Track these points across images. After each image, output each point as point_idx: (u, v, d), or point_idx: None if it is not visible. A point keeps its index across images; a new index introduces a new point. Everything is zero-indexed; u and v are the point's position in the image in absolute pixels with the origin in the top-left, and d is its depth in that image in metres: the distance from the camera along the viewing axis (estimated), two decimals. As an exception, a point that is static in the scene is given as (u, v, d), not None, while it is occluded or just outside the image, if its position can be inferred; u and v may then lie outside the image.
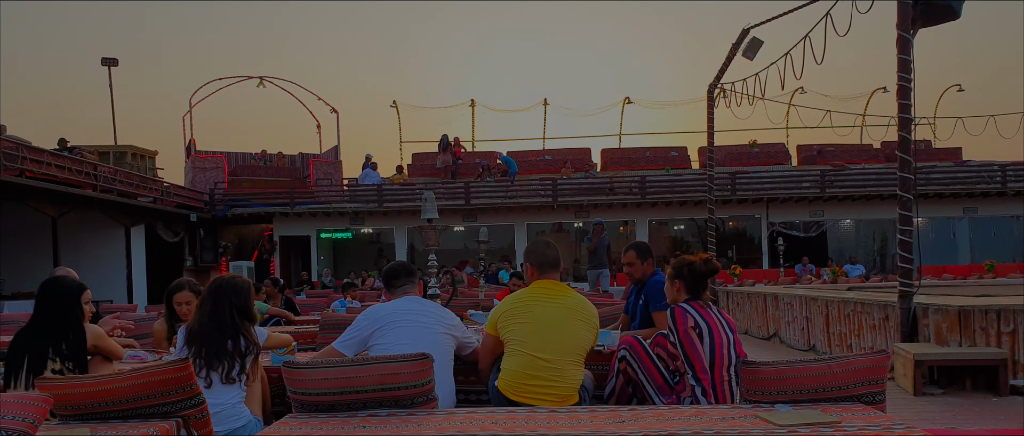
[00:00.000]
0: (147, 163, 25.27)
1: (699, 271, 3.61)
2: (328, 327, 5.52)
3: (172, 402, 2.80)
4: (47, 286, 3.69)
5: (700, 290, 3.62)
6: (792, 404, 2.79)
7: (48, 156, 16.23)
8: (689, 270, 3.63)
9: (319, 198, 23.80)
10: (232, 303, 3.54)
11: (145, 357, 4.34)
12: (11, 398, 2.27)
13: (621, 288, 13.49)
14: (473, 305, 8.66)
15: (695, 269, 3.62)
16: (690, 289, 3.62)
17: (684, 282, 3.63)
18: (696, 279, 3.61)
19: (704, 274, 3.62)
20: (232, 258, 24.26)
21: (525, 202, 22.89)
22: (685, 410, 2.84)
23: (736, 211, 23.14)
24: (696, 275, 3.61)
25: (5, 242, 18.75)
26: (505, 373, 3.56)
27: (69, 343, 3.57)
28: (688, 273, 3.63)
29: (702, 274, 3.62)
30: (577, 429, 2.51)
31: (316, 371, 2.86)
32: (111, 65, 27.95)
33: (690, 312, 3.50)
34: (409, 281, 3.88)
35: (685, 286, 3.63)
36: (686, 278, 3.63)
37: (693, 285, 3.62)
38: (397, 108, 29.11)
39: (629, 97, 29.27)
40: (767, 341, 11.36)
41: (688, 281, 3.63)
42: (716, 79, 11.73)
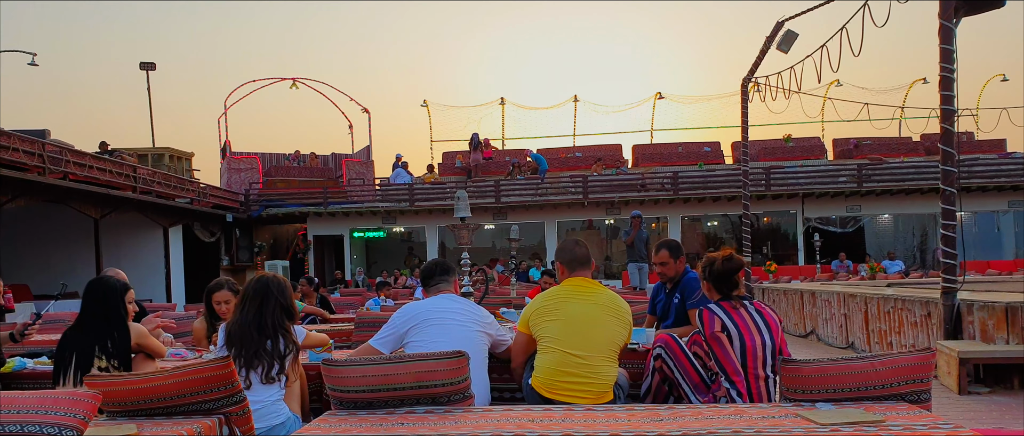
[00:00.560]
0: (184, 164, 25.72)
1: (719, 270, 3.57)
2: (363, 325, 5.57)
3: (214, 399, 2.85)
4: (93, 286, 3.78)
5: (727, 288, 3.57)
6: (833, 403, 2.75)
7: (90, 159, 16.59)
8: (710, 269, 3.60)
9: (352, 198, 24.01)
10: (278, 302, 3.59)
11: (186, 355, 4.42)
12: (63, 395, 2.32)
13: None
14: (505, 303, 8.66)
15: (715, 268, 3.59)
16: (717, 288, 3.59)
17: (710, 282, 3.61)
18: (719, 278, 3.57)
19: (726, 272, 3.57)
20: (267, 257, 24.58)
21: (555, 200, 22.85)
22: (724, 409, 2.80)
23: (771, 207, 22.86)
24: (717, 274, 3.57)
25: (50, 243, 19.21)
26: (539, 370, 3.56)
27: (114, 341, 3.65)
28: (709, 272, 3.60)
29: (723, 272, 3.57)
30: (615, 428, 2.49)
31: (354, 368, 2.88)
32: (149, 69, 28.47)
33: (717, 314, 3.46)
34: (445, 279, 3.89)
35: (712, 286, 3.60)
36: (710, 277, 3.60)
37: (718, 284, 3.59)
38: (428, 107, 29.25)
39: (661, 92, 29.09)
40: (804, 339, 11.21)
41: (713, 280, 3.60)
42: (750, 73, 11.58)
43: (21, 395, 2.36)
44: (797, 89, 10.28)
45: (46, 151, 14.78)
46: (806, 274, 19.23)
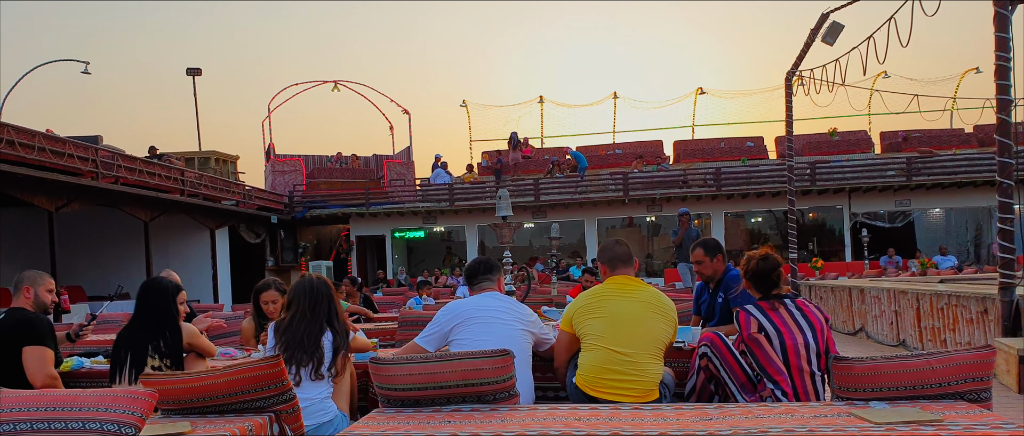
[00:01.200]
0: (229, 167, 26.21)
1: (755, 270, 3.52)
2: (406, 324, 5.62)
3: (265, 397, 2.90)
4: (146, 287, 3.87)
5: (767, 288, 3.52)
6: (887, 402, 2.69)
7: (140, 163, 17.01)
8: (747, 271, 3.55)
9: (393, 198, 24.22)
10: (326, 301, 3.65)
11: (235, 354, 4.50)
12: (122, 393, 2.38)
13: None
14: (546, 301, 8.65)
15: (750, 267, 3.54)
16: (756, 288, 3.54)
17: (750, 281, 3.56)
18: (757, 277, 3.52)
19: (763, 272, 3.52)
20: (311, 258, 24.93)
21: (595, 197, 22.75)
22: (775, 407, 2.76)
23: (816, 202, 22.46)
24: (753, 274, 3.52)
25: (103, 246, 19.74)
26: (583, 368, 3.54)
27: (167, 341, 3.74)
28: (747, 274, 3.55)
29: (760, 272, 3.52)
30: (663, 427, 2.47)
31: (401, 367, 2.91)
32: (195, 75, 29.06)
33: (754, 315, 3.41)
34: (488, 277, 3.89)
35: (753, 285, 3.55)
36: (748, 277, 3.56)
37: (756, 284, 3.54)
38: (466, 107, 29.36)
39: (702, 87, 28.76)
40: (853, 336, 10.99)
41: (751, 280, 3.55)
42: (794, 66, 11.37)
43: (82, 393, 2.43)
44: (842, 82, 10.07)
45: (99, 157, 15.19)
46: (854, 270, 18.85)
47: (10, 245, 18.15)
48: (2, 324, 3.81)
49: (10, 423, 2.33)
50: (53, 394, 2.45)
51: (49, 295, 3.96)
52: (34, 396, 2.42)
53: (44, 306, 3.94)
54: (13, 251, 17.43)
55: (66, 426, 2.30)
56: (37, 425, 2.31)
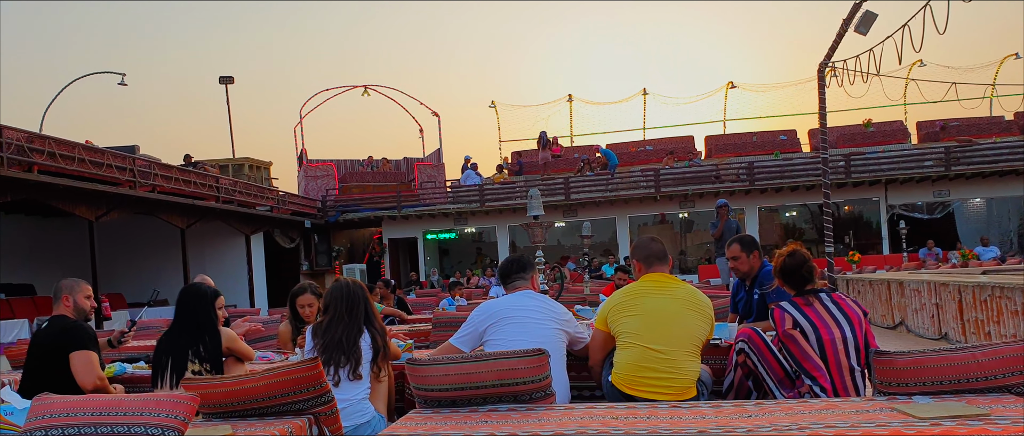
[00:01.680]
0: (263, 174, 26.53)
1: (784, 266, 3.48)
2: (440, 325, 5.65)
3: (304, 400, 2.93)
4: (185, 293, 3.94)
5: (799, 283, 3.47)
6: (931, 396, 2.64)
7: (176, 172, 17.31)
8: (779, 270, 3.52)
9: (424, 200, 24.35)
10: (362, 303, 3.68)
11: (272, 358, 4.55)
12: (165, 397, 2.43)
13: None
14: (579, 300, 8.62)
15: (779, 266, 3.50)
16: (789, 285, 3.50)
17: (783, 279, 3.52)
18: (787, 274, 3.48)
19: (793, 267, 3.48)
20: (345, 261, 25.15)
21: (626, 195, 22.64)
22: (815, 403, 2.72)
23: (852, 195, 22.12)
24: (783, 271, 3.49)
25: (141, 253, 20.11)
26: (619, 367, 3.52)
27: (206, 346, 3.80)
28: (779, 273, 3.52)
29: (790, 268, 3.48)
30: (702, 424, 2.44)
31: (437, 367, 2.92)
32: (228, 83, 29.46)
33: (789, 312, 3.37)
34: (521, 276, 3.89)
35: (786, 283, 3.51)
36: (780, 275, 3.52)
37: (788, 281, 3.50)
38: (495, 108, 29.41)
39: (733, 81, 28.49)
40: (892, 330, 10.81)
41: (783, 278, 3.51)
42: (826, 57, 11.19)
43: (127, 397, 2.48)
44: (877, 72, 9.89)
45: (136, 166, 15.49)
46: (892, 263, 18.52)
47: (52, 254, 18.58)
48: (46, 332, 3.90)
49: (58, 428, 2.38)
50: (99, 399, 2.50)
51: (88, 301, 4.04)
52: (81, 401, 2.48)
53: (84, 313, 4.02)
54: (55, 260, 17.84)
55: (112, 430, 2.35)
56: (84, 429, 2.36)
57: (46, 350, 3.83)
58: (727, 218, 12.20)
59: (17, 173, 12.25)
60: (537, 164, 25.53)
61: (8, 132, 12.21)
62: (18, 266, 18.31)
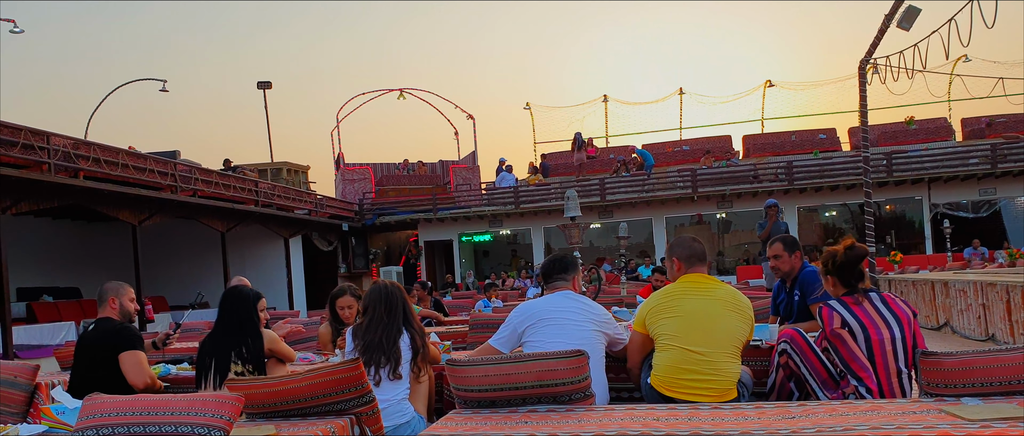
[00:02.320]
0: (300, 178, 26.88)
1: (843, 260, 3.40)
2: (477, 327, 5.67)
3: (345, 400, 2.96)
4: (228, 295, 4.00)
5: (853, 281, 3.40)
6: (980, 398, 2.58)
7: (216, 176, 17.62)
8: (833, 262, 3.43)
9: (459, 203, 24.45)
10: (401, 304, 3.72)
11: (313, 359, 4.60)
12: (211, 398, 2.47)
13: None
14: (616, 302, 8.57)
15: (838, 260, 3.42)
16: (843, 280, 3.42)
17: (836, 276, 3.44)
18: (844, 269, 3.40)
19: (850, 262, 3.40)
20: (382, 264, 25.36)
21: (663, 195, 22.48)
22: (860, 405, 2.68)
23: (893, 194, 21.71)
24: (840, 266, 3.40)
25: (182, 256, 20.50)
26: (658, 369, 3.49)
27: (249, 347, 3.86)
28: (833, 265, 3.43)
29: (848, 263, 3.40)
30: (744, 426, 2.42)
31: (476, 368, 2.93)
32: (265, 88, 29.88)
33: (838, 310, 3.30)
34: (563, 277, 3.88)
35: (839, 280, 3.43)
36: (833, 271, 3.44)
37: (842, 277, 3.42)
38: (530, 110, 29.41)
39: (771, 80, 28.14)
40: (937, 331, 10.58)
41: (838, 274, 3.43)
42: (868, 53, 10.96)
43: (174, 397, 2.53)
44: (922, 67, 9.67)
45: (177, 171, 15.80)
46: (935, 263, 18.13)
47: (97, 258, 19.04)
48: (93, 334, 3.99)
49: (109, 426, 2.44)
50: (147, 398, 2.55)
51: (132, 304, 4.13)
52: (130, 400, 2.53)
53: (129, 315, 4.11)
54: (100, 264, 18.27)
55: (160, 429, 2.40)
56: (133, 428, 2.42)
57: (94, 351, 3.92)
58: (776, 218, 11.64)
59: (64, 179, 12.57)
60: (571, 165, 25.48)
61: (55, 139, 12.53)
62: (65, 270, 18.80)
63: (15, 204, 12.17)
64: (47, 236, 18.23)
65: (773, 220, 11.55)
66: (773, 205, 11.75)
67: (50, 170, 12.24)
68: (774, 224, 11.43)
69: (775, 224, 11.44)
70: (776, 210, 11.67)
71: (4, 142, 11.32)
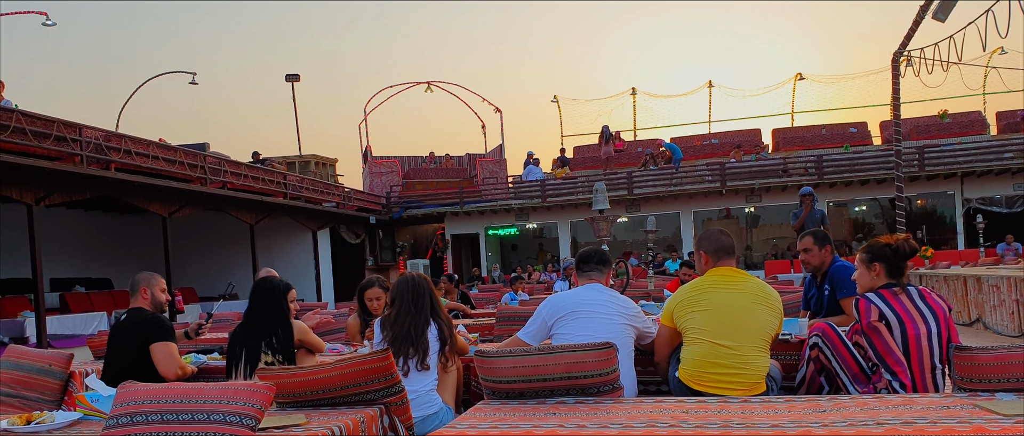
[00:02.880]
0: (328, 171, 27.08)
1: (903, 251, 3.36)
2: (504, 319, 5.70)
3: (375, 390, 2.98)
4: (259, 286, 4.05)
5: (900, 273, 3.36)
6: (1016, 393, 2.54)
7: (245, 169, 17.79)
8: (892, 251, 3.38)
9: (486, 196, 24.47)
10: (428, 295, 3.74)
11: (342, 350, 4.64)
12: (242, 387, 2.51)
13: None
14: (643, 296, 8.54)
15: (899, 250, 3.37)
16: (892, 271, 3.37)
17: (886, 264, 3.38)
18: (901, 259, 3.36)
19: (907, 255, 3.36)
20: (409, 257, 25.49)
21: (691, 189, 22.33)
22: (892, 399, 2.64)
23: (925, 188, 21.36)
24: (900, 255, 3.36)
25: (211, 248, 20.75)
26: (686, 363, 3.48)
27: (279, 338, 3.91)
28: (891, 254, 3.38)
29: (906, 254, 3.36)
30: (775, 419, 2.40)
31: (505, 359, 2.94)
32: (293, 81, 30.10)
33: (875, 303, 3.25)
34: (599, 269, 3.87)
35: (887, 269, 3.38)
36: (889, 259, 3.38)
37: (895, 267, 3.37)
38: (558, 103, 29.35)
39: (801, 73, 27.82)
40: (969, 327, 10.41)
41: (891, 263, 3.38)
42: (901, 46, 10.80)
43: (206, 386, 2.57)
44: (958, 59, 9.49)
45: (206, 163, 15.97)
46: (968, 259, 17.81)
47: (128, 250, 19.34)
48: (125, 324, 4.05)
49: (143, 414, 2.48)
50: (180, 387, 2.59)
51: (164, 294, 4.19)
52: (163, 388, 2.58)
53: (160, 305, 4.17)
54: (131, 255, 18.58)
55: (192, 417, 2.43)
56: (166, 416, 2.46)
57: (126, 341, 3.98)
58: (812, 208, 10.84)
59: (96, 171, 12.77)
60: (599, 158, 25.39)
61: (87, 131, 12.73)
62: (96, 261, 19.12)
63: (48, 196, 12.39)
64: (79, 227, 18.55)
65: (808, 209, 10.88)
66: (808, 193, 11.05)
67: (82, 162, 12.44)
68: (809, 214, 10.79)
69: (810, 213, 10.79)
70: (811, 199, 10.99)
71: (37, 134, 11.52)
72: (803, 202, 10.99)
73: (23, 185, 11.88)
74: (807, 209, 10.86)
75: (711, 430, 2.29)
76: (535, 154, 25.27)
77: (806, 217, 10.68)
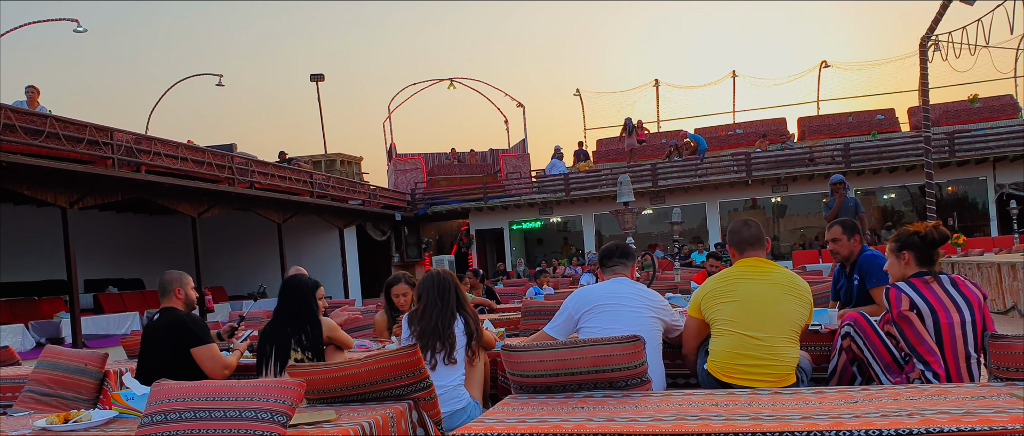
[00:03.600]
0: (354, 169, 27.28)
1: (933, 238, 3.30)
2: (530, 314, 5.70)
3: (403, 386, 3.00)
4: (288, 284, 4.09)
5: (931, 261, 3.30)
6: (1054, 382, 2.49)
7: (272, 168, 17.96)
8: (921, 239, 3.32)
9: (509, 191, 24.49)
10: (454, 290, 3.76)
11: (370, 346, 4.67)
12: (273, 383, 2.53)
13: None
14: (669, 288, 8.49)
15: (928, 237, 3.31)
16: (921, 259, 3.31)
17: (916, 252, 3.32)
18: (930, 247, 3.30)
19: (937, 242, 3.30)
20: (434, 253, 25.58)
21: (716, 180, 22.16)
22: (925, 389, 2.60)
23: (956, 174, 21.01)
24: (930, 243, 3.30)
25: (240, 247, 20.99)
26: (714, 354, 3.45)
27: (308, 335, 3.94)
28: (920, 242, 3.32)
29: (936, 242, 3.30)
30: (806, 410, 2.37)
31: (532, 354, 2.94)
32: (318, 80, 30.31)
33: (906, 292, 3.20)
34: (622, 263, 3.85)
35: (916, 257, 3.32)
36: (919, 247, 3.32)
37: (925, 254, 3.31)
38: (580, 96, 29.26)
39: (826, 60, 27.48)
40: (1004, 315, 10.23)
41: (921, 251, 3.32)
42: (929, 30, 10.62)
43: (238, 384, 2.60)
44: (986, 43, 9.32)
45: (234, 163, 16.14)
46: (1001, 246, 17.48)
47: (158, 250, 19.61)
48: (159, 324, 4.10)
49: (176, 412, 2.52)
50: (212, 384, 2.63)
51: (194, 292, 4.26)
52: (196, 386, 2.61)
53: (192, 303, 4.23)
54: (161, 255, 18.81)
55: (225, 414, 2.46)
56: (199, 413, 2.49)
57: (159, 340, 4.04)
58: (845, 196, 10.29)
59: (127, 173, 12.96)
60: (622, 151, 25.28)
61: (119, 135, 12.92)
62: (128, 262, 19.42)
63: (81, 198, 12.61)
64: (111, 229, 18.85)
65: (841, 198, 10.33)
66: (839, 181, 10.46)
67: (114, 165, 12.64)
68: (842, 203, 10.27)
69: (843, 202, 10.28)
70: (843, 186, 10.46)
71: (71, 138, 11.72)
72: (834, 190, 10.53)
73: (58, 188, 12.11)
74: (840, 198, 10.41)
75: (741, 422, 2.27)
76: (562, 147, 25.27)
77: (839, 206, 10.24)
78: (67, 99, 53.71)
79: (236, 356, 4.24)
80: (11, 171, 11.06)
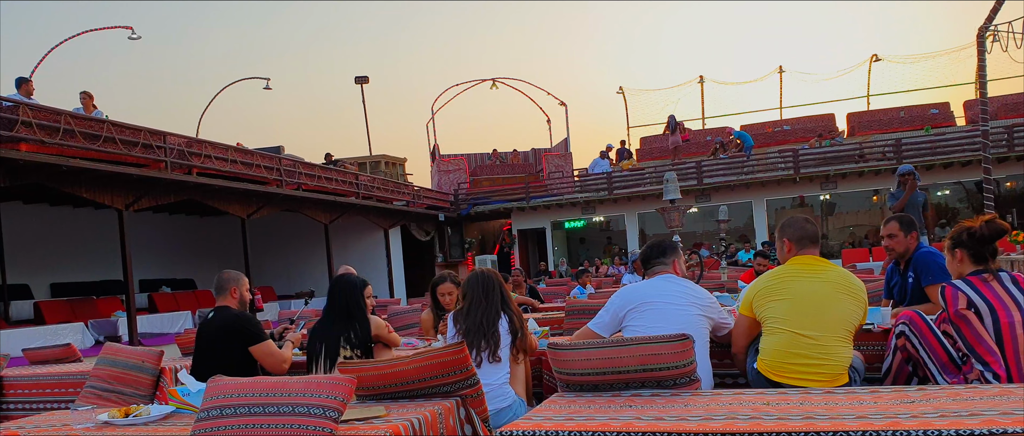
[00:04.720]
0: (398, 170, 27.55)
1: (981, 235, 3.19)
2: (574, 313, 5.67)
3: (451, 383, 3.02)
4: (337, 283, 4.16)
5: (986, 258, 3.20)
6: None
7: (318, 170, 18.25)
8: (970, 235, 3.23)
9: (552, 190, 24.46)
10: (499, 289, 3.79)
11: (417, 344, 4.72)
12: (325, 380, 2.58)
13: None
14: (717, 287, 8.39)
15: (976, 233, 3.21)
16: (975, 257, 3.22)
17: (966, 250, 3.23)
18: (980, 244, 3.20)
19: (988, 238, 3.19)
20: (477, 252, 25.70)
21: (763, 177, 21.82)
22: (986, 389, 2.53)
23: (1016, 169, 20.35)
24: (978, 239, 3.20)
25: (288, 248, 21.35)
26: (765, 353, 3.40)
27: (357, 333, 4.00)
28: (969, 238, 3.23)
29: (986, 238, 3.19)
30: (860, 410, 2.32)
31: (579, 352, 2.93)
32: (363, 83, 30.66)
33: (963, 290, 3.10)
34: (661, 261, 3.80)
35: (968, 255, 3.23)
36: (967, 244, 3.23)
37: (977, 252, 3.21)
38: (623, 94, 29.10)
39: (877, 54, 26.87)
40: (1068, 315, 9.86)
41: (971, 248, 3.22)
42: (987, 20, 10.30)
43: (291, 380, 2.65)
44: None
45: (282, 165, 16.44)
46: (1065, 243, 16.89)
47: (209, 251, 20.06)
48: (214, 322, 4.20)
49: (231, 407, 2.58)
50: (266, 381, 2.68)
51: (248, 293, 4.36)
52: (250, 382, 2.67)
53: (246, 303, 4.33)
54: (212, 256, 19.25)
55: (278, 409, 2.51)
56: (253, 409, 2.54)
57: (214, 338, 4.14)
58: (914, 190, 9.09)
59: (179, 175, 13.29)
60: (666, 149, 25.08)
61: (171, 138, 13.26)
62: (181, 262, 19.91)
63: (136, 201, 12.96)
64: (164, 230, 19.34)
65: (911, 190, 9.10)
66: (908, 172, 9.19)
67: (167, 168, 12.97)
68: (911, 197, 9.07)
69: (912, 197, 9.09)
70: (913, 177, 9.17)
71: (126, 142, 12.06)
72: (903, 183, 9.26)
73: (114, 191, 12.48)
74: (910, 190, 9.14)
75: (794, 422, 2.23)
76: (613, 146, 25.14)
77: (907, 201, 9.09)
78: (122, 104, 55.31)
79: (289, 348, 4.32)
80: (72, 175, 11.44)
